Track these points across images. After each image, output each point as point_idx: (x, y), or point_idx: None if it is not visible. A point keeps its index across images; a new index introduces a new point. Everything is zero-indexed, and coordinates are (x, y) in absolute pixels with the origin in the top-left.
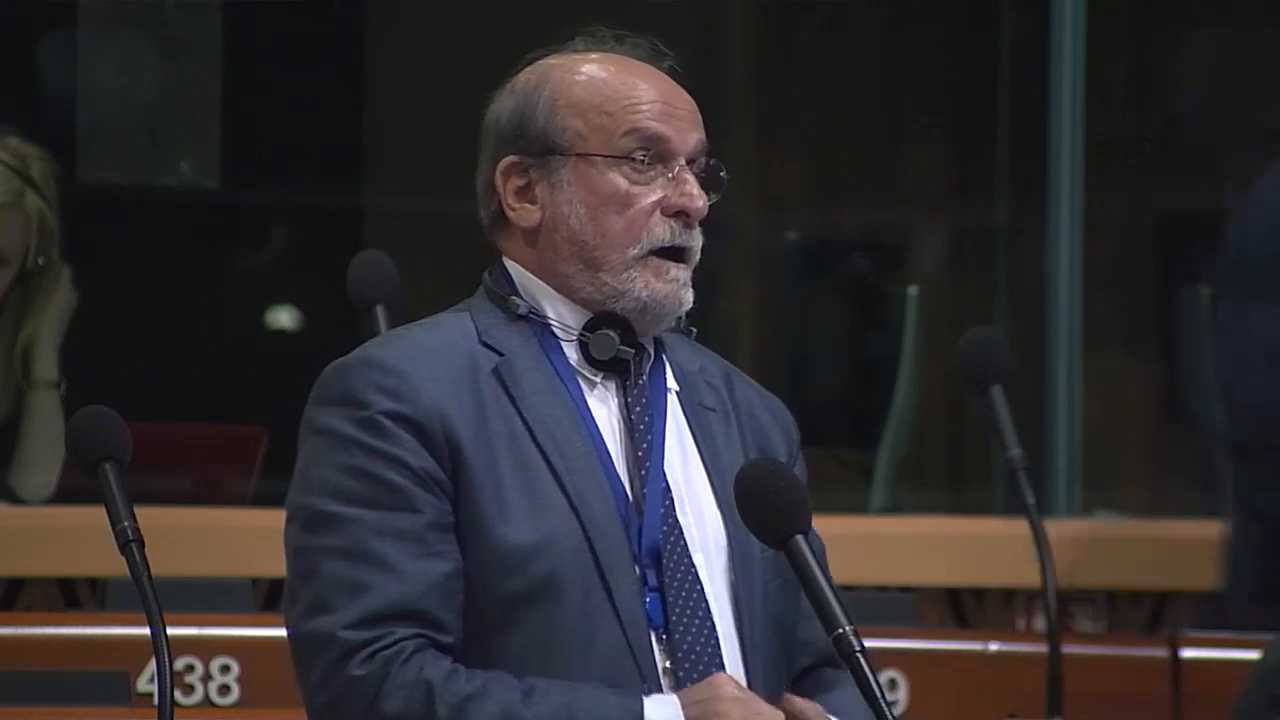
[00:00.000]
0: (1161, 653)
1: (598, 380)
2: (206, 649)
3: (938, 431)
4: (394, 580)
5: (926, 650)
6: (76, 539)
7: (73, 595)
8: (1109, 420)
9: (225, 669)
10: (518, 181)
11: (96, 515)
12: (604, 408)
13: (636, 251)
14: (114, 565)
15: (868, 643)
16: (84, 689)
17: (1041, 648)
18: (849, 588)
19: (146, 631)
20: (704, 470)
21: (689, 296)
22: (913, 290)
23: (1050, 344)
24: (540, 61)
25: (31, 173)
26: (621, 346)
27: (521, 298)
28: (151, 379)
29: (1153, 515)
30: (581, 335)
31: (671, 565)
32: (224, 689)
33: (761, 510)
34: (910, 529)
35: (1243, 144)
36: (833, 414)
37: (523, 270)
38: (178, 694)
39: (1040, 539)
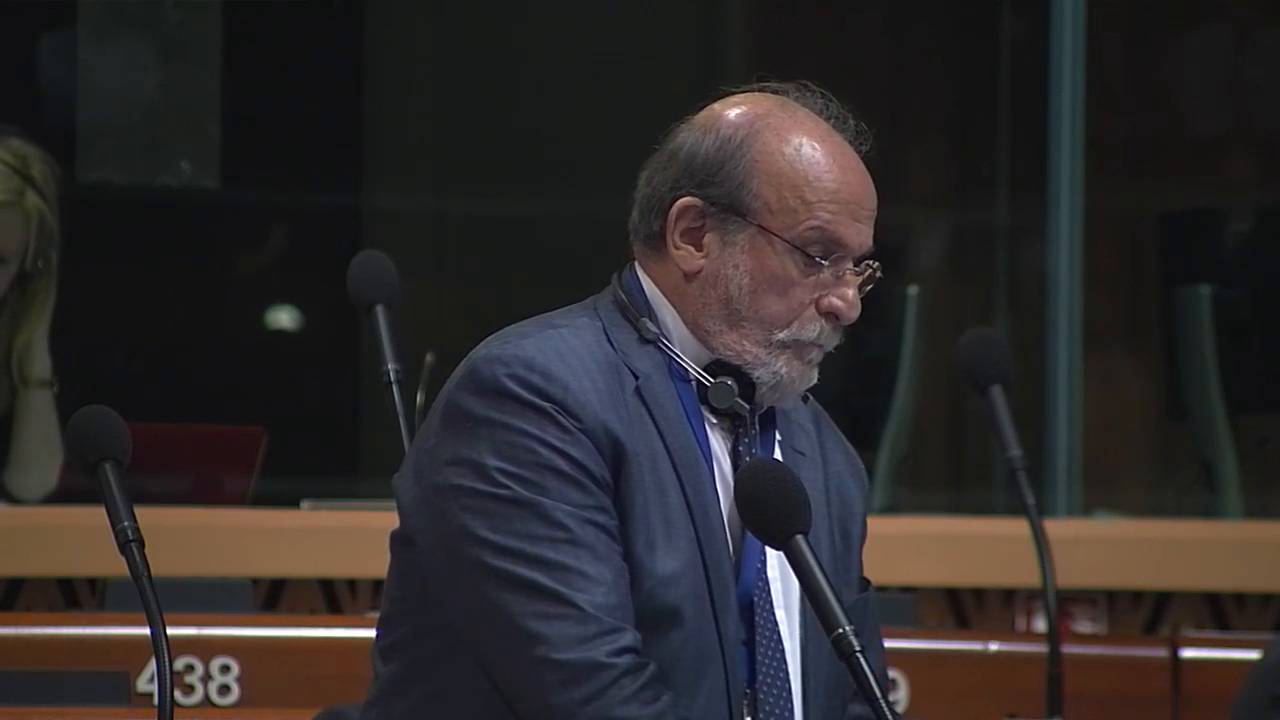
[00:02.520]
0: (1161, 653)
1: (714, 421)
2: (206, 649)
3: (938, 431)
4: (605, 569)
5: (926, 650)
6: (76, 539)
7: (73, 595)
8: (1109, 420)
9: (225, 669)
10: (690, 223)
11: (96, 515)
12: (719, 450)
13: (782, 337)
14: (114, 565)
15: None
16: (84, 689)
17: (1041, 648)
18: None
19: (146, 631)
20: None
21: (815, 376)
22: (913, 290)
23: (1050, 344)
24: (749, 111)
25: (32, 173)
26: (738, 400)
27: (652, 321)
28: (151, 379)
29: (1153, 515)
30: (701, 377)
31: (761, 621)
32: (224, 689)
33: (761, 510)
34: (910, 529)
35: (1242, 144)
36: (833, 414)
37: (659, 294)
38: (178, 694)
39: (1040, 539)
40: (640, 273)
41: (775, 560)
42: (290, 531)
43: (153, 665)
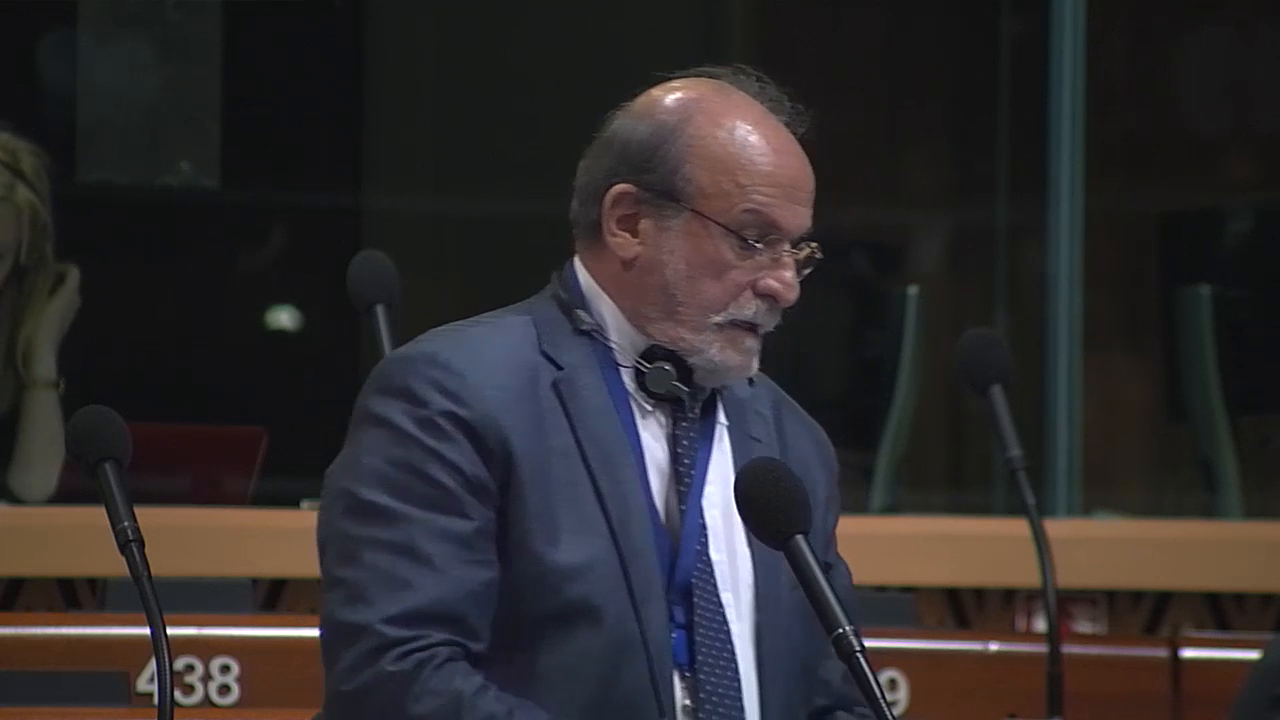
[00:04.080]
0: (1161, 653)
1: (650, 408)
2: (206, 649)
3: (938, 431)
4: (437, 581)
5: (926, 650)
6: (76, 539)
7: (73, 595)
8: (1109, 420)
9: (225, 669)
10: (625, 210)
11: (96, 515)
12: (653, 437)
13: (719, 319)
14: (114, 565)
15: (868, 643)
16: (84, 689)
17: (1041, 648)
18: None
19: (146, 631)
20: None
21: (756, 364)
22: (913, 290)
23: (1050, 344)
24: (684, 96)
25: (22, 167)
26: (676, 384)
27: (588, 312)
28: (151, 379)
29: (1153, 515)
30: (639, 364)
31: (701, 604)
32: (224, 689)
33: (761, 510)
34: (910, 529)
35: (1242, 144)
36: (833, 414)
37: (595, 285)
38: (178, 694)
39: (1040, 539)
40: (578, 265)
41: (722, 541)
42: (290, 531)
43: (153, 665)
